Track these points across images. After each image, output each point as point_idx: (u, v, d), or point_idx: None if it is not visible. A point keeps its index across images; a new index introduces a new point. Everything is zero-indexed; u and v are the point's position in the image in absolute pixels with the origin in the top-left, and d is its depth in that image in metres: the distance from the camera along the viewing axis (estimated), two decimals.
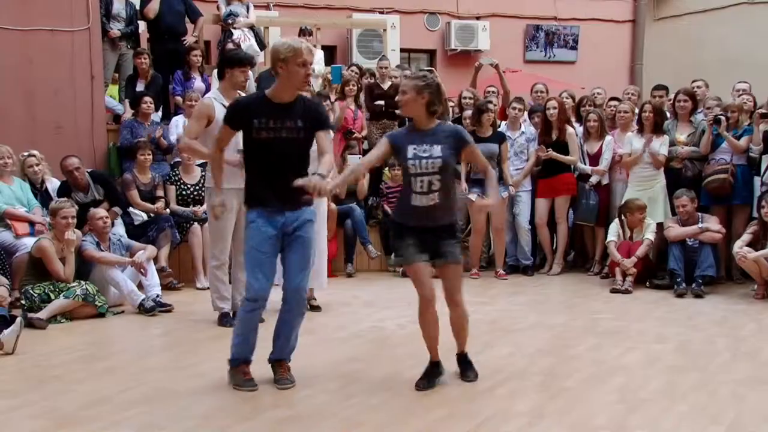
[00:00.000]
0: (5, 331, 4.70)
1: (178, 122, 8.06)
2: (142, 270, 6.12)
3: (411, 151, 3.82)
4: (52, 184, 7.01)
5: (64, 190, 6.78)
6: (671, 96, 7.96)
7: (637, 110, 7.76)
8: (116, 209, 6.89)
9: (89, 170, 7.05)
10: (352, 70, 9.55)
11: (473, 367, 4.14)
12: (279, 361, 4.04)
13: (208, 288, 6.39)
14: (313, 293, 6.07)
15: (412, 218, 3.89)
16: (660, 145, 7.27)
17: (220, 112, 5.33)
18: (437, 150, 3.80)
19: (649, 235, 7.03)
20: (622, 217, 7.19)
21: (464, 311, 4.04)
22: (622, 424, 3.49)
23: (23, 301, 5.65)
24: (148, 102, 7.85)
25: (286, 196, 3.82)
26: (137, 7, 8.82)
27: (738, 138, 7.19)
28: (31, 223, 6.42)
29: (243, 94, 5.67)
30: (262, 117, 3.84)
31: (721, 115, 7.17)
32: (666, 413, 3.63)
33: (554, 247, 8.05)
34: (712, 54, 11.47)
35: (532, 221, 7.95)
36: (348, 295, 6.72)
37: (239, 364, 3.97)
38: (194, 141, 5.31)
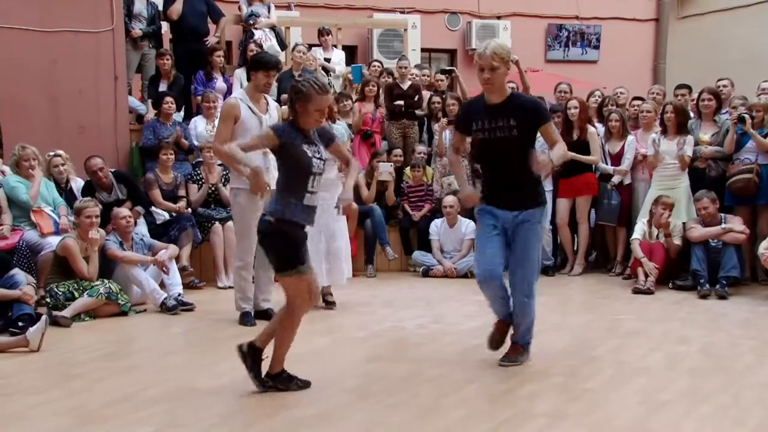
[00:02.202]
0: (31, 329, 4.77)
1: (197, 123, 8.11)
2: (164, 269, 6.17)
3: (309, 152, 3.75)
4: (77, 183, 7.10)
5: (88, 190, 6.86)
6: (695, 95, 7.88)
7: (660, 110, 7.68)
8: (139, 208, 6.95)
9: (112, 170, 7.13)
10: (374, 67, 9.55)
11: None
12: (513, 343, 4.39)
13: (231, 287, 6.46)
14: (329, 289, 6.15)
15: (303, 218, 3.79)
16: (685, 146, 7.20)
17: (245, 113, 5.36)
18: (323, 152, 3.88)
19: (677, 240, 6.97)
20: (651, 213, 7.11)
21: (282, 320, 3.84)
22: (643, 426, 3.45)
23: (48, 299, 5.73)
24: (169, 102, 7.91)
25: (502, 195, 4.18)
26: (159, 8, 8.91)
27: (764, 138, 7.09)
28: (56, 222, 6.51)
29: (267, 96, 5.70)
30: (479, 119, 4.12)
31: (745, 113, 7.08)
32: (688, 415, 3.59)
33: (575, 247, 8.00)
34: (737, 53, 11.34)
35: (553, 221, 7.91)
36: (367, 295, 6.72)
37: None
38: (224, 147, 5.28)
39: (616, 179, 7.69)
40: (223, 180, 7.51)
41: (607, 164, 7.77)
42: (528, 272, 4.20)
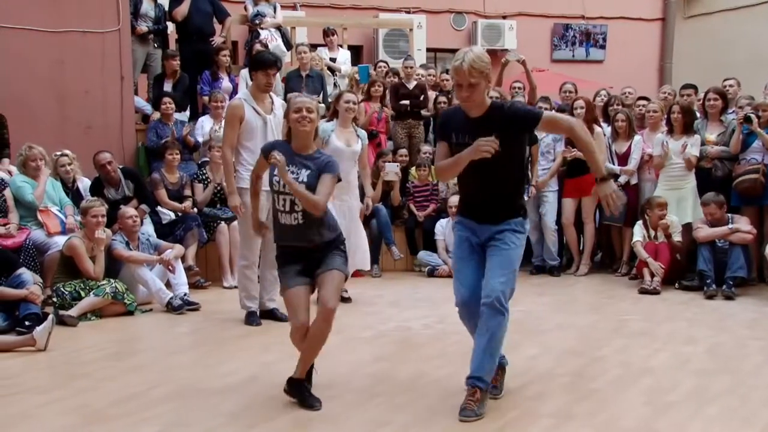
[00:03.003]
0: (37, 329, 4.78)
1: (203, 122, 8.11)
2: (170, 267, 6.18)
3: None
4: (83, 183, 7.12)
5: (96, 186, 6.89)
6: (700, 95, 7.85)
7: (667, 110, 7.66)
8: (144, 207, 6.95)
9: (120, 166, 7.16)
10: (380, 67, 9.54)
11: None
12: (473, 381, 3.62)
13: (236, 287, 6.46)
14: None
15: (285, 237, 3.77)
16: (691, 146, 7.18)
17: (249, 113, 5.38)
18: (304, 175, 3.70)
19: (677, 237, 6.96)
20: (645, 216, 7.12)
21: (327, 326, 3.62)
22: (650, 427, 3.45)
23: (55, 299, 5.75)
24: (167, 102, 7.92)
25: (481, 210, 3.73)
26: (166, 8, 8.93)
27: None
28: (63, 222, 6.53)
29: (273, 95, 5.72)
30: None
31: (751, 113, 7.05)
32: (695, 416, 3.58)
33: (581, 247, 7.98)
34: (744, 52, 11.30)
35: (558, 221, 7.90)
36: (373, 295, 6.72)
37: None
38: (230, 161, 5.38)
39: (622, 179, 7.67)
40: None
41: (613, 164, 7.75)
42: (504, 281, 3.55)
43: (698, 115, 7.65)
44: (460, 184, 3.89)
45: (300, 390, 3.73)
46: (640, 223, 7.20)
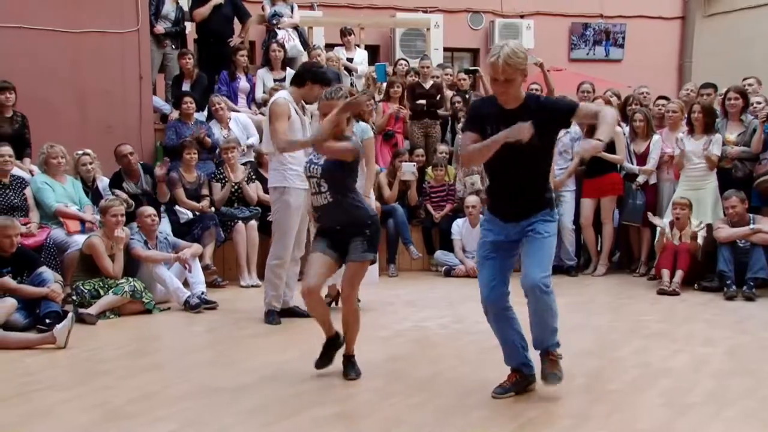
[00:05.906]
0: (57, 326, 4.83)
1: (212, 130, 8.10)
2: (186, 265, 6.21)
3: (307, 156, 4.26)
4: (103, 182, 7.19)
5: (116, 180, 6.98)
6: (721, 94, 7.77)
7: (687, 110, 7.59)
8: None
9: (140, 162, 7.24)
10: (401, 65, 9.53)
11: (355, 367, 4.20)
12: (545, 352, 3.87)
13: (253, 286, 6.49)
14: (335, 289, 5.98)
15: (318, 218, 4.19)
16: (712, 145, 7.12)
17: (293, 114, 5.40)
18: (321, 160, 4.11)
19: (699, 240, 6.89)
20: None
21: (354, 309, 4.14)
22: (668, 429, 3.42)
23: (74, 297, 5.80)
24: (188, 102, 7.95)
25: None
26: (186, 9, 8.99)
27: None
28: (82, 221, 6.59)
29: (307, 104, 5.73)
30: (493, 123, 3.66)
31: None
32: (714, 418, 3.54)
33: (599, 247, 7.94)
34: (764, 51, 11.17)
35: (576, 221, 7.86)
36: (390, 295, 6.72)
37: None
38: (289, 139, 5.23)
39: (641, 179, 7.62)
40: (246, 179, 7.56)
41: (632, 164, 7.70)
42: (541, 269, 3.67)
43: (719, 114, 7.57)
44: (490, 178, 3.95)
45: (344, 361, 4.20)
46: (668, 221, 7.14)
